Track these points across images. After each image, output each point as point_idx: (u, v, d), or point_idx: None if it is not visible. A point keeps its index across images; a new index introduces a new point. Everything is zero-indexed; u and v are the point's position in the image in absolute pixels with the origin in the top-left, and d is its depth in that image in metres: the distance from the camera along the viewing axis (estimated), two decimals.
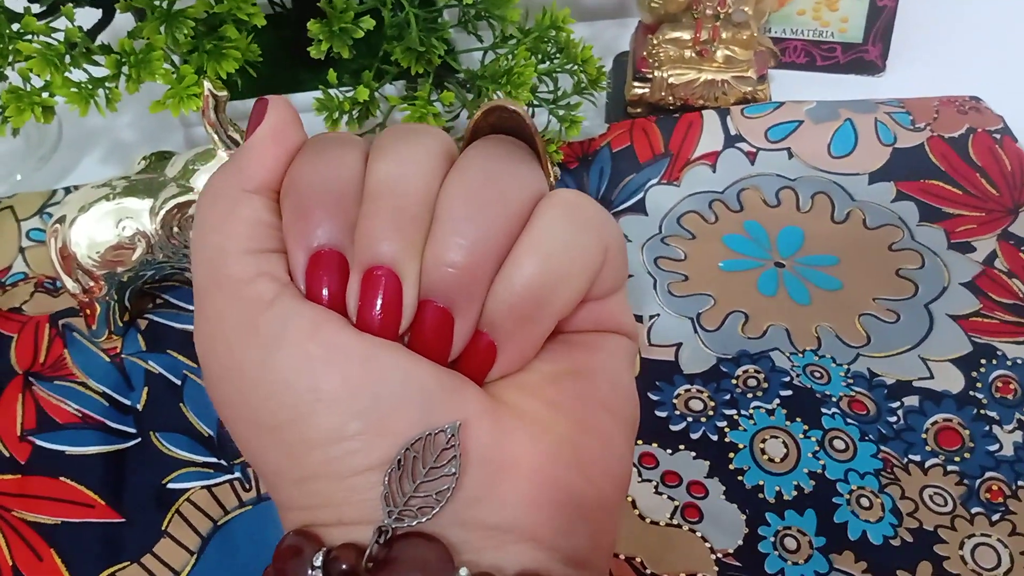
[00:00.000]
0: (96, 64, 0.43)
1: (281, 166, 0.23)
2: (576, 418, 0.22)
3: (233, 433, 0.22)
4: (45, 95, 0.42)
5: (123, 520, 0.39)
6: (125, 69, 0.42)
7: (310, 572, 0.20)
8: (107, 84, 0.42)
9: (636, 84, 0.54)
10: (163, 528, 0.39)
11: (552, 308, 0.22)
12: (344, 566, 0.20)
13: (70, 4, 0.42)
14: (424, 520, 0.20)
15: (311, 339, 0.21)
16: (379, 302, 0.21)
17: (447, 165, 0.22)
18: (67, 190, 0.52)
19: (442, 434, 0.20)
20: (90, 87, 0.42)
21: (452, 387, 0.21)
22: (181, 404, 0.42)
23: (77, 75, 0.42)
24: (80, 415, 0.42)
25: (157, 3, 0.42)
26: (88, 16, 0.45)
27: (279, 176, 0.23)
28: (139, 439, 0.41)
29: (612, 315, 0.24)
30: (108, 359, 0.44)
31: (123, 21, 0.45)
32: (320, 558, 0.20)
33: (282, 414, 0.21)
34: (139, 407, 0.42)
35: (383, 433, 0.20)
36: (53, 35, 0.42)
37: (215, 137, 0.41)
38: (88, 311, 0.44)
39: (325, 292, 0.21)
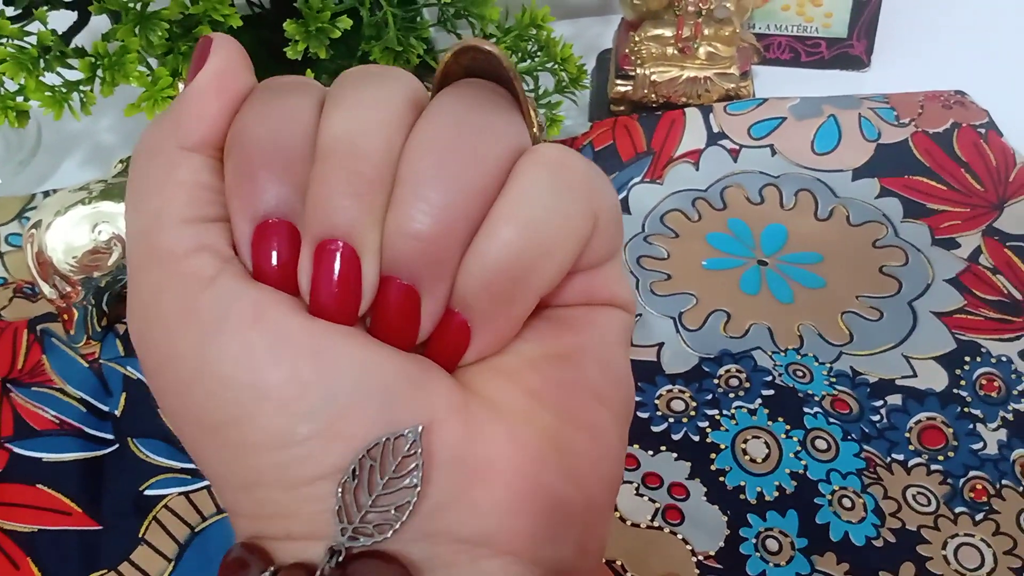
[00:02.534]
0: (70, 67, 0.42)
1: (225, 118, 0.19)
2: (561, 410, 0.20)
3: (175, 429, 0.20)
4: (19, 99, 0.42)
5: (100, 527, 0.39)
6: (99, 72, 0.42)
7: None
8: (81, 88, 0.42)
9: (619, 82, 0.54)
10: (140, 535, 0.38)
11: (533, 284, 0.19)
12: None
13: (44, 7, 0.42)
14: (382, 538, 0.18)
15: (254, 326, 0.18)
16: (334, 280, 0.18)
17: (413, 115, 0.19)
18: (46, 194, 0.51)
19: (403, 439, 0.18)
20: (64, 91, 0.42)
21: (417, 379, 0.19)
22: (159, 410, 0.42)
23: (51, 79, 0.42)
24: (58, 422, 0.42)
25: (131, 5, 0.41)
26: (63, 18, 0.44)
27: (222, 130, 0.19)
28: (116, 445, 0.41)
29: (604, 286, 0.21)
30: (86, 364, 0.44)
31: (100, 23, 0.45)
32: None
33: (223, 412, 0.18)
34: (117, 413, 0.42)
35: (336, 437, 0.18)
36: (26, 38, 0.41)
37: None
38: (66, 316, 0.44)
39: (273, 267, 0.19)
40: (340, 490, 0.18)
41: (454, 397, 0.19)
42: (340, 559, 0.18)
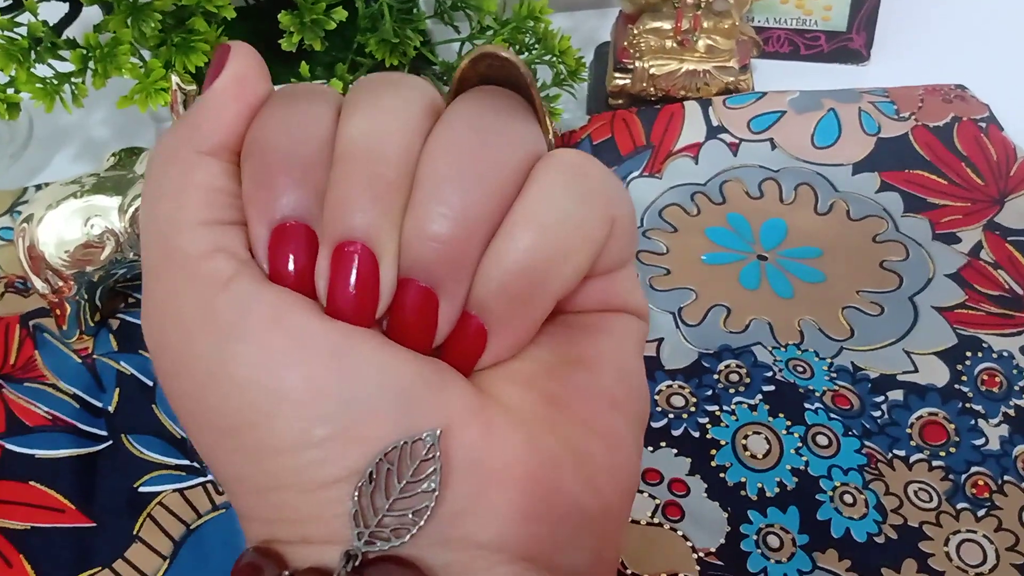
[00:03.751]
0: (62, 59, 0.42)
1: (242, 124, 0.20)
2: (578, 416, 0.20)
3: (189, 432, 0.20)
4: (10, 91, 0.41)
5: (94, 525, 0.38)
6: (91, 64, 0.41)
7: None
8: (73, 80, 0.41)
9: (617, 75, 0.54)
10: (135, 533, 0.38)
11: (550, 288, 0.19)
12: None
13: None
14: (398, 543, 0.17)
15: (272, 328, 0.18)
16: (352, 282, 0.18)
17: (430, 120, 0.19)
18: (38, 188, 0.51)
19: (420, 443, 0.18)
20: (55, 83, 0.41)
21: (435, 382, 0.19)
22: (153, 405, 0.42)
23: (43, 70, 0.41)
24: (50, 418, 0.41)
25: None
26: (55, 9, 0.44)
27: (239, 136, 0.20)
28: (110, 442, 0.41)
29: (619, 292, 0.21)
30: (79, 360, 0.43)
31: (92, 15, 0.44)
32: None
33: (240, 415, 0.18)
34: (110, 409, 0.42)
35: (354, 440, 0.18)
36: (17, 30, 0.41)
37: None
38: (58, 311, 0.43)
39: (290, 271, 0.19)
40: (357, 494, 0.17)
41: (471, 401, 0.19)
42: (356, 564, 0.17)
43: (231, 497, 0.20)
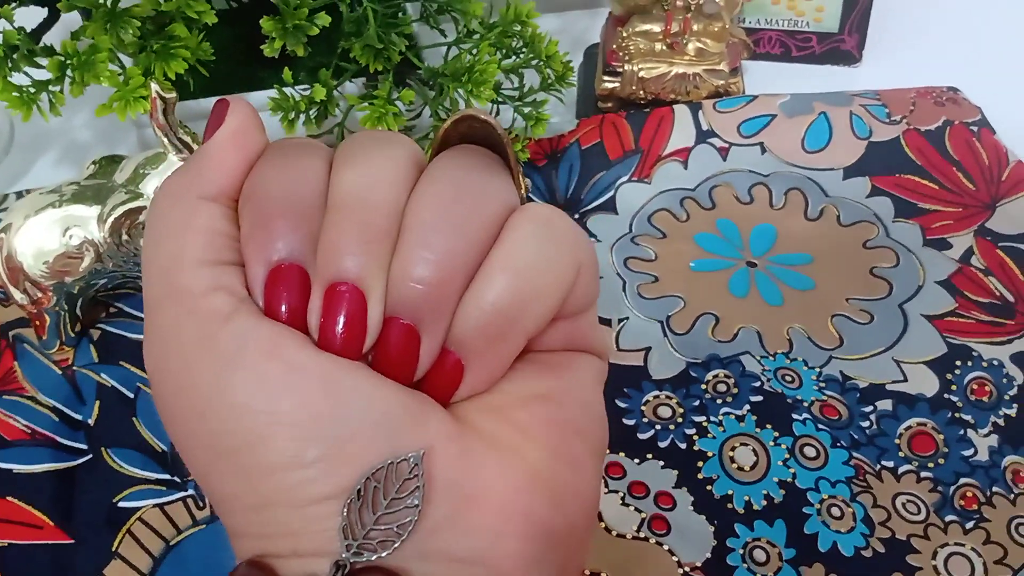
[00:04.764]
0: (39, 67, 0.41)
1: (241, 172, 0.22)
2: (547, 444, 0.22)
3: (184, 454, 0.21)
4: None
5: (72, 541, 0.38)
6: (69, 72, 0.40)
7: None
8: (50, 88, 0.41)
9: (606, 78, 0.53)
10: (114, 549, 0.37)
11: (523, 326, 0.21)
12: None
13: (9, 4, 0.41)
14: (384, 554, 0.19)
15: (269, 358, 0.20)
16: (342, 319, 0.20)
17: (415, 175, 0.21)
18: (19, 194, 0.50)
19: (405, 463, 0.19)
20: (33, 91, 0.40)
21: (417, 411, 0.20)
22: (134, 418, 0.41)
23: (20, 78, 0.41)
24: (29, 431, 0.41)
25: (101, 1, 0.40)
26: (34, 15, 0.43)
27: (238, 183, 0.22)
28: (90, 455, 0.40)
29: (582, 334, 0.24)
30: (59, 371, 0.43)
31: (73, 20, 0.44)
32: None
33: (238, 437, 0.20)
34: (90, 422, 0.41)
35: (343, 460, 0.19)
36: None
37: (164, 140, 0.39)
38: (38, 322, 0.42)
39: (284, 308, 0.20)
40: (346, 509, 0.19)
41: (450, 428, 0.21)
42: (344, 573, 0.19)
43: (223, 515, 0.21)
